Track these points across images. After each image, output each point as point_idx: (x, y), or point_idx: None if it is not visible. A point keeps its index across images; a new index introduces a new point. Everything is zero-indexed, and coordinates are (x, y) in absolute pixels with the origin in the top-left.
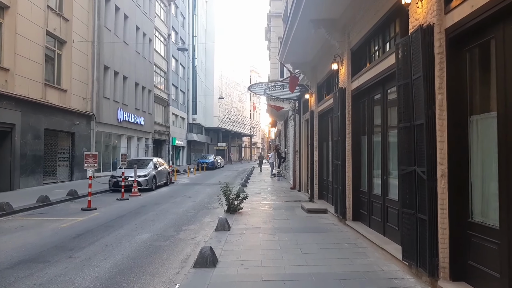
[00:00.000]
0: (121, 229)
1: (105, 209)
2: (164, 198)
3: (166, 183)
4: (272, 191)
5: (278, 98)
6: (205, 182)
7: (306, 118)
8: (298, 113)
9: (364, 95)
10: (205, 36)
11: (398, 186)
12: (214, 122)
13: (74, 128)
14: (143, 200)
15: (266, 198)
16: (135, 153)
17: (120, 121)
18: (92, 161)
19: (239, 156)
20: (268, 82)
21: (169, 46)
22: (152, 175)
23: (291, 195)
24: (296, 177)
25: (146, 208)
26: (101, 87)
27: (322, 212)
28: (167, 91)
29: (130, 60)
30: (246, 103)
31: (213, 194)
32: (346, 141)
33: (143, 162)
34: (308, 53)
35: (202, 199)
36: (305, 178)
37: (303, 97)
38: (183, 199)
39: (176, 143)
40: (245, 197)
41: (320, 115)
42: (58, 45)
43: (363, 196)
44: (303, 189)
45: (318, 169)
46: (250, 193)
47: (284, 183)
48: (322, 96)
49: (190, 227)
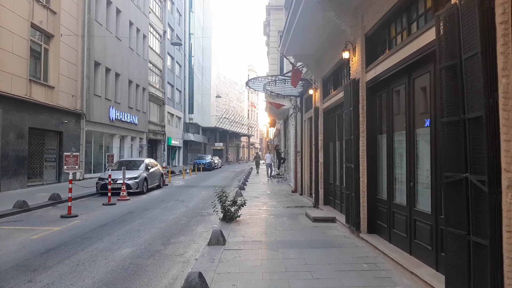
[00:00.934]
0: (100, 241)
1: (87, 216)
2: (154, 202)
3: (159, 185)
4: (272, 195)
5: (278, 95)
6: (201, 185)
7: (309, 116)
8: (300, 111)
9: (382, 87)
10: (202, 34)
11: (432, 196)
12: (212, 122)
13: (62, 127)
14: (132, 205)
15: (265, 203)
16: (128, 153)
17: (112, 120)
18: (73, 163)
19: (236, 156)
20: (268, 77)
21: (165, 43)
22: (143, 177)
23: (293, 200)
24: (297, 180)
25: (133, 214)
26: (91, 84)
27: (330, 221)
28: (163, 89)
29: (123, 56)
30: (244, 103)
31: (208, 198)
32: (359, 141)
33: (134, 163)
34: (313, 43)
35: (195, 204)
36: (308, 181)
37: (305, 94)
38: (175, 204)
39: (172, 143)
40: (242, 204)
41: (326, 112)
42: (45, 39)
43: (381, 205)
44: (306, 193)
45: (324, 172)
46: (248, 197)
47: (284, 186)
48: (328, 92)
49: (180, 239)
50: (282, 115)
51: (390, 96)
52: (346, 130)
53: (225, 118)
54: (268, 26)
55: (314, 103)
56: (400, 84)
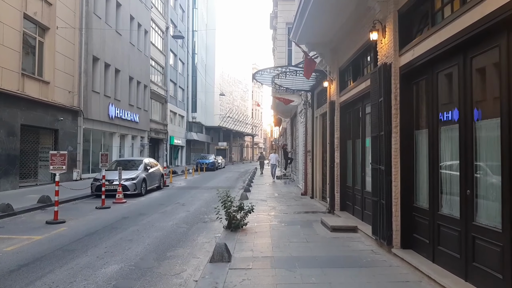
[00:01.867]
0: (83, 255)
1: (75, 222)
2: (153, 206)
3: (159, 186)
4: (280, 198)
5: (287, 89)
6: (203, 186)
7: (322, 112)
8: (310, 107)
9: (421, 72)
10: (205, 32)
11: (505, 207)
12: (215, 121)
13: (57, 124)
14: (127, 209)
15: (274, 208)
16: (129, 152)
17: (111, 117)
18: (60, 162)
19: (240, 156)
20: (277, 67)
21: (167, 39)
22: (141, 178)
23: (304, 204)
24: (307, 181)
25: (127, 220)
26: (89, 80)
27: (350, 231)
28: (165, 87)
29: (124, 52)
30: (248, 102)
31: (211, 200)
32: (392, 138)
33: (133, 163)
34: (329, 28)
35: (197, 208)
36: (320, 183)
37: (317, 88)
38: (175, 208)
39: (174, 142)
40: (250, 210)
41: (343, 107)
42: (39, 32)
43: (419, 215)
44: (318, 196)
45: (341, 174)
46: (254, 200)
47: (292, 188)
48: (346, 84)
49: (177, 251)
50: (289, 113)
51: (434, 82)
52: (374, 125)
53: (229, 117)
54: (275, 18)
55: (328, 97)
56: (449, 66)
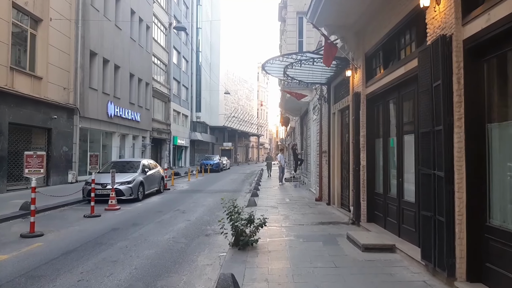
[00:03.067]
0: (50, 285)
1: (55, 236)
2: (149, 213)
3: (159, 190)
4: (293, 204)
5: (300, 82)
6: (208, 189)
7: (340, 107)
8: (326, 102)
9: (500, 45)
10: (210, 29)
11: None
12: (220, 121)
13: (50, 123)
14: (120, 217)
15: (287, 217)
16: (130, 153)
17: (110, 116)
18: (37, 165)
19: (246, 157)
20: (291, 54)
21: (170, 36)
22: (138, 182)
23: (321, 212)
24: (322, 185)
25: (116, 233)
26: (86, 76)
27: (387, 250)
28: (168, 85)
29: (124, 47)
30: (253, 101)
31: (216, 207)
32: (454, 134)
33: (130, 165)
34: (355, 6)
35: (199, 217)
36: (338, 188)
37: (335, 80)
38: (174, 216)
39: (178, 142)
40: (262, 224)
41: (371, 100)
42: (31, 24)
43: (494, 237)
44: (336, 203)
45: (368, 178)
46: (264, 207)
47: (304, 192)
48: (373, 72)
49: (171, 280)
50: (299, 111)
51: None
52: (424, 118)
53: (234, 116)
54: (285, 8)
55: (351, 88)
56: None
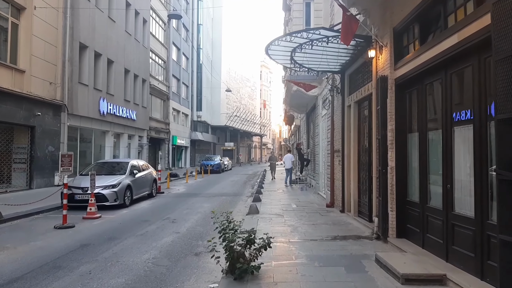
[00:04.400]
0: None
1: (5, 256)
2: (133, 223)
3: (151, 194)
4: (301, 211)
5: (310, 70)
6: (205, 192)
7: (358, 98)
8: (340, 93)
9: None
10: (211, 26)
11: None
12: (221, 120)
13: (34, 120)
14: (97, 228)
15: (296, 229)
16: (125, 153)
17: (103, 114)
18: None
19: (248, 157)
20: (301, 32)
21: (170, 32)
22: (125, 185)
23: (335, 222)
24: (335, 189)
25: (85, 251)
26: (76, 70)
27: (436, 283)
28: (167, 82)
29: (118, 41)
30: (256, 100)
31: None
32: None
33: (118, 166)
34: None
35: (192, 227)
36: (355, 193)
37: (350, 67)
38: (162, 227)
39: (177, 142)
40: (265, 246)
41: (401, 84)
42: (13, 12)
43: None
44: (351, 210)
45: (398, 183)
46: (267, 215)
47: (312, 195)
48: (405, 50)
49: None
50: (304, 107)
51: None
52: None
53: (236, 116)
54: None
55: (375, 72)
56: None
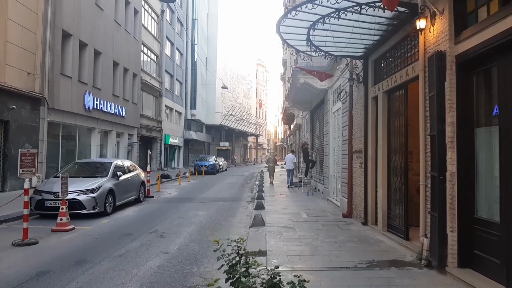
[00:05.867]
0: None
1: None
2: (112, 238)
3: (138, 199)
4: (314, 222)
5: (327, 54)
6: (200, 196)
7: (390, 87)
8: (362, 83)
9: None
10: (206, 22)
11: None
12: (216, 119)
13: (8, 114)
14: (65, 245)
15: (316, 249)
16: (113, 152)
17: (88, 109)
18: None
19: (243, 158)
20: None
21: (163, 25)
22: (106, 189)
23: (361, 238)
24: (353, 196)
25: (39, 284)
26: (57, 60)
27: None
28: (160, 78)
29: (106, 31)
30: (252, 100)
31: (210, 225)
32: None
33: (99, 167)
34: None
35: (185, 244)
36: (384, 202)
37: (375, 52)
38: (147, 244)
39: (170, 141)
40: None
41: (464, 64)
42: None
43: None
44: (379, 223)
45: (460, 193)
46: (276, 227)
47: (321, 201)
48: (471, 18)
49: None
50: (309, 104)
51: None
52: None
53: (231, 115)
54: None
55: (422, 49)
56: None
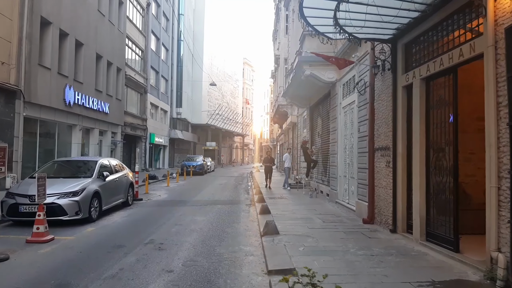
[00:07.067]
0: None
1: None
2: (100, 252)
3: (126, 202)
4: (334, 231)
5: (351, 37)
6: (193, 199)
7: (434, 71)
8: (390, 71)
9: None
10: (193, 18)
11: None
12: (203, 118)
13: None
14: (40, 263)
15: (353, 265)
16: (95, 151)
17: (69, 104)
18: None
19: (230, 158)
20: None
21: (148, 19)
22: (91, 192)
23: (400, 251)
24: (376, 199)
25: None
26: (35, 50)
27: None
28: (145, 74)
29: (89, 21)
30: (238, 99)
31: (214, 234)
32: None
33: (83, 167)
34: None
35: (190, 259)
36: (421, 207)
37: (409, 33)
38: (145, 259)
39: (155, 140)
40: None
41: None
42: None
43: None
44: (414, 231)
45: None
46: (292, 236)
47: (328, 205)
48: None
49: None
50: (307, 101)
51: None
52: None
53: (218, 114)
54: None
55: (493, 20)
56: None
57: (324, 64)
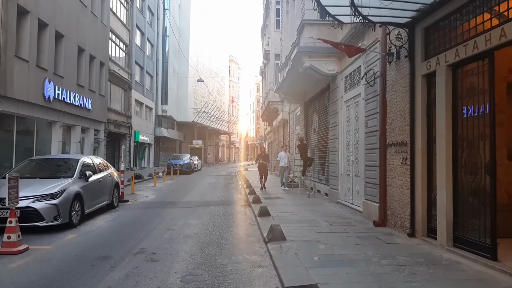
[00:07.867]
0: None
1: None
2: (82, 266)
3: (111, 204)
4: (345, 234)
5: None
6: (183, 200)
7: (465, 56)
8: (408, 58)
9: None
10: (178, 13)
11: None
12: (189, 116)
13: None
14: (12, 281)
15: (386, 282)
16: (77, 149)
17: (49, 99)
18: None
19: (216, 156)
20: None
21: (133, 12)
22: (71, 194)
23: (427, 259)
24: (389, 200)
25: None
26: (11, 40)
27: None
28: (129, 69)
29: (71, 11)
30: (224, 96)
31: (212, 240)
32: None
33: (63, 166)
34: None
35: (189, 273)
36: (447, 208)
37: (433, 14)
38: (135, 274)
39: (140, 138)
40: None
41: None
42: None
43: None
44: (438, 236)
45: None
46: (301, 241)
47: (329, 205)
48: None
49: None
50: (302, 96)
51: None
52: None
53: (204, 112)
54: None
55: None
56: None
57: (324, 55)
